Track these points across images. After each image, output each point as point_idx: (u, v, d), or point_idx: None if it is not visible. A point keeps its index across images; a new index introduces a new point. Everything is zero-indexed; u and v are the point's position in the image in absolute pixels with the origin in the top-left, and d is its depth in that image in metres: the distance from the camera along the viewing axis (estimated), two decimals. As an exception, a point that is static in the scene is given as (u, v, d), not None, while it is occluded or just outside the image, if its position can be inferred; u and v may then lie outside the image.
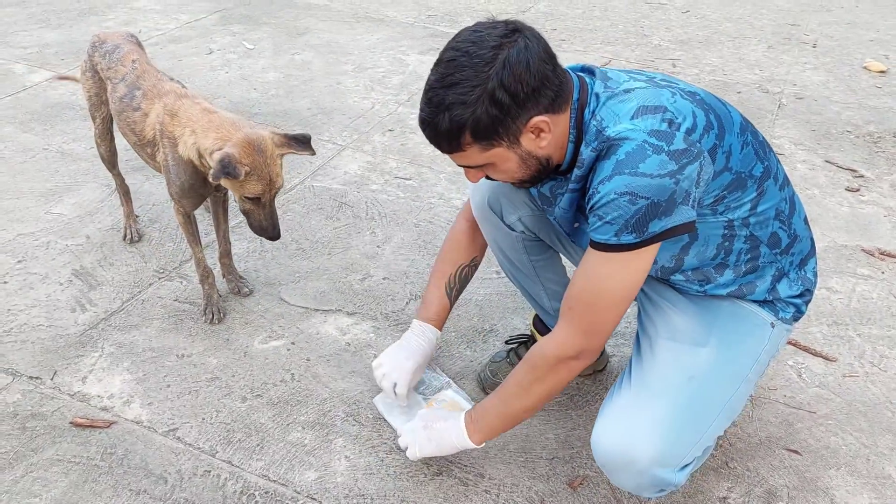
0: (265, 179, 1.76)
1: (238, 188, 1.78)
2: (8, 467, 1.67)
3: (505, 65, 1.23)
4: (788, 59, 4.00)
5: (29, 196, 2.64)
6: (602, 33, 4.26)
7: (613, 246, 1.29)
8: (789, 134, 3.23)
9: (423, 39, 4.06)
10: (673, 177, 1.24)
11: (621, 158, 1.25)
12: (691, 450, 1.40)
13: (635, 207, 1.25)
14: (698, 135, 1.28)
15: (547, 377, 1.42)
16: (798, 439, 1.80)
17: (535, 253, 1.74)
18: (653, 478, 1.37)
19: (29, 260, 2.31)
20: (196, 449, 1.73)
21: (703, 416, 1.42)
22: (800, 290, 1.52)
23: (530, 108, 1.27)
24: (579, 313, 1.37)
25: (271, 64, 3.71)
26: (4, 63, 3.62)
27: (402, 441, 1.65)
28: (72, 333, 2.05)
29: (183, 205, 1.98)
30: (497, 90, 1.23)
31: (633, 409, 1.41)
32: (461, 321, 2.13)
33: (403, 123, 3.21)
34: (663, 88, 1.32)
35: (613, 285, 1.33)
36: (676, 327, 1.49)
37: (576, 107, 1.33)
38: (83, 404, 1.84)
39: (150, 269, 2.31)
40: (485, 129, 1.27)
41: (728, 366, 1.46)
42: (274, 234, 1.86)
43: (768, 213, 1.42)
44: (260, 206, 1.82)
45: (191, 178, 1.90)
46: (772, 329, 1.50)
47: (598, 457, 1.43)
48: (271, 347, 2.03)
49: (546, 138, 1.31)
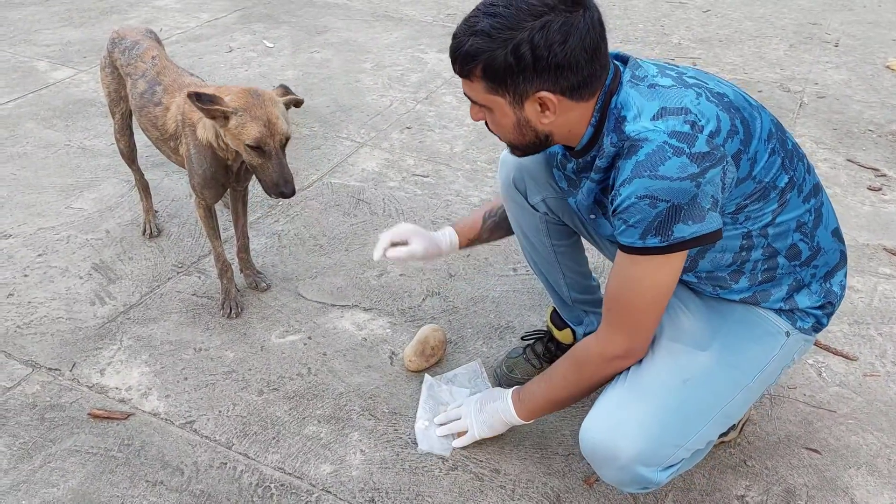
0: (261, 120, 1.72)
1: (237, 137, 1.73)
2: (27, 457, 1.69)
3: (544, 28, 1.21)
4: (810, 58, 3.95)
5: (50, 191, 2.67)
6: (622, 32, 4.24)
7: (640, 249, 1.29)
8: (811, 133, 3.20)
9: (442, 38, 4.06)
10: (694, 180, 1.21)
11: (641, 160, 1.23)
12: (677, 451, 1.38)
13: (656, 211, 1.23)
14: (722, 139, 1.25)
15: (593, 374, 1.46)
16: (818, 438, 1.78)
17: (557, 237, 1.73)
18: (634, 475, 1.37)
19: (49, 253, 2.34)
20: (212, 441, 1.74)
21: (693, 419, 1.40)
22: (821, 302, 1.48)
23: (545, 80, 1.25)
24: (618, 315, 1.38)
25: (290, 62, 3.73)
26: (28, 61, 3.66)
27: (418, 426, 1.74)
28: (91, 326, 2.07)
29: (205, 196, 1.99)
30: (523, 44, 1.22)
31: (622, 405, 1.40)
32: (477, 317, 2.13)
33: (421, 121, 3.21)
34: (689, 88, 1.30)
35: (645, 288, 1.33)
36: (682, 328, 1.47)
37: (605, 92, 1.31)
38: (101, 396, 1.85)
39: (169, 264, 2.32)
40: (495, 71, 1.26)
41: (728, 372, 1.43)
42: (288, 189, 1.77)
43: (789, 224, 1.39)
44: (267, 158, 1.75)
45: (212, 165, 1.91)
46: (786, 338, 1.47)
47: (583, 449, 1.43)
48: (288, 342, 2.04)
49: (549, 117, 1.30)
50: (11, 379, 1.89)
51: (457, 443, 1.71)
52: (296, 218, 2.55)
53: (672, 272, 1.32)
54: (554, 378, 1.53)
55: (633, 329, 1.38)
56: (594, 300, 1.86)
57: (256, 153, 1.75)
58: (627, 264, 1.32)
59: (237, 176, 2.00)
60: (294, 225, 2.52)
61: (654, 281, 1.32)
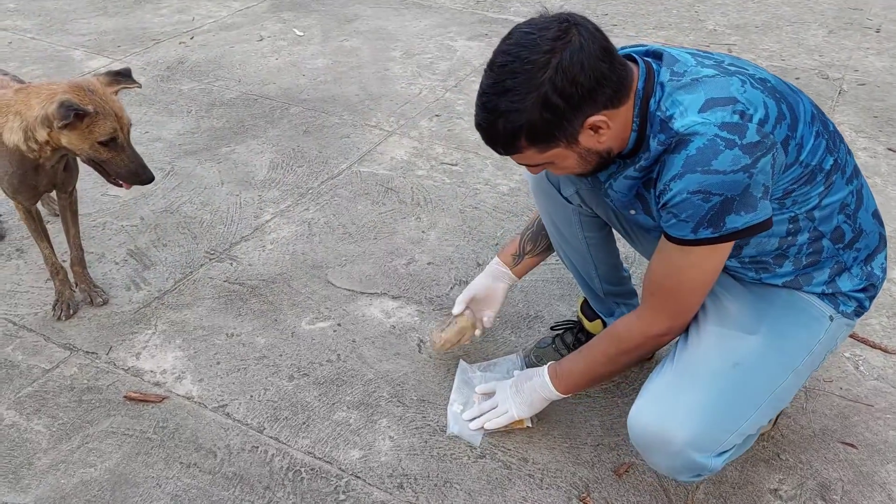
0: (111, 115, 1.70)
1: (87, 136, 1.70)
2: (65, 438, 1.73)
3: (558, 69, 1.19)
4: (850, 45, 3.86)
5: (86, 179, 2.71)
6: (655, 18, 4.18)
7: (692, 241, 1.28)
8: (850, 121, 3.12)
9: (472, 25, 4.04)
10: (747, 171, 1.21)
11: (692, 154, 1.21)
12: (730, 437, 1.37)
13: (709, 205, 1.23)
14: (771, 126, 1.23)
15: (635, 350, 1.47)
16: (854, 432, 1.75)
17: (590, 229, 1.72)
18: (687, 461, 1.36)
19: (86, 240, 2.38)
20: (244, 425, 1.76)
21: (745, 403, 1.39)
22: (863, 285, 1.46)
23: (586, 109, 1.24)
24: (662, 299, 1.39)
25: (320, 50, 3.74)
26: (64, 50, 3.72)
27: (452, 408, 1.77)
28: (126, 311, 2.11)
29: (19, 200, 1.92)
30: (551, 95, 1.20)
31: (673, 390, 1.40)
32: (506, 307, 2.12)
33: (450, 109, 3.20)
34: (733, 76, 1.28)
35: (694, 275, 1.34)
36: (727, 313, 1.46)
37: (640, 95, 1.29)
38: (136, 379, 1.89)
39: (202, 251, 2.35)
40: (541, 133, 1.25)
41: (777, 355, 1.42)
42: (146, 175, 1.77)
43: (834, 206, 1.38)
44: (119, 150, 1.74)
45: (20, 168, 1.82)
46: (830, 322, 1.45)
47: (633, 436, 1.42)
48: (318, 328, 2.06)
49: (605, 134, 1.28)
50: (50, 361, 1.94)
51: (492, 423, 1.69)
52: (325, 206, 2.56)
53: (720, 260, 1.32)
54: (593, 353, 1.53)
55: (676, 311, 1.40)
56: (626, 291, 1.85)
57: (108, 149, 1.73)
58: (675, 253, 1.32)
59: (53, 178, 1.92)
60: (324, 213, 2.53)
61: (702, 269, 1.33)
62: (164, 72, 3.49)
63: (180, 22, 4.05)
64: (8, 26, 3.98)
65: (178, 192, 2.64)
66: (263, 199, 2.60)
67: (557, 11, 1.27)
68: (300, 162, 2.82)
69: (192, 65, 3.57)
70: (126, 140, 1.76)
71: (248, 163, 2.81)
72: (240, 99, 3.26)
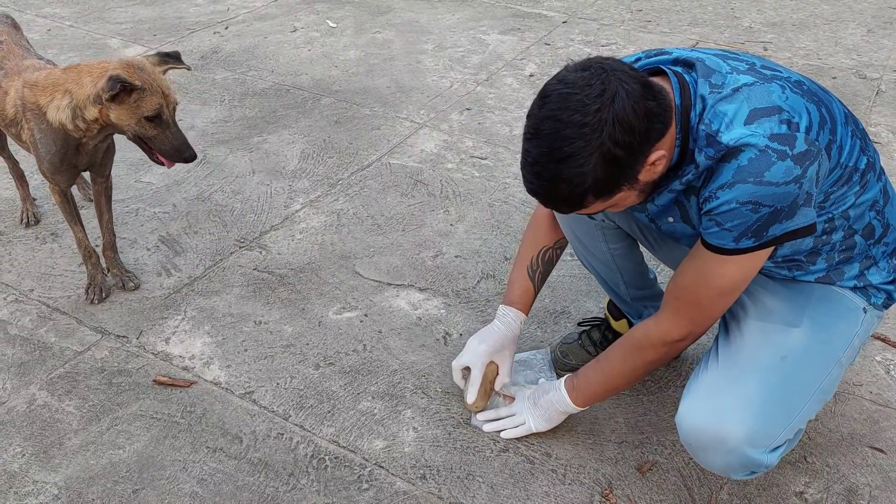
0: (158, 92, 1.75)
1: (135, 111, 1.74)
2: (95, 419, 1.77)
3: (614, 124, 1.17)
4: (889, 44, 3.77)
5: (120, 165, 2.76)
6: (689, 14, 4.13)
7: (731, 250, 1.28)
8: (887, 122, 3.06)
9: (504, 19, 4.02)
10: (797, 182, 1.20)
11: (743, 164, 1.20)
12: (783, 431, 1.36)
13: (757, 216, 1.22)
14: (815, 132, 1.23)
15: (654, 358, 1.45)
16: (884, 437, 1.72)
17: (614, 241, 1.70)
18: (743, 457, 1.34)
19: (119, 225, 2.42)
20: (270, 412, 1.79)
21: (795, 396, 1.38)
22: (891, 277, 1.47)
23: (645, 150, 1.22)
24: (687, 304, 1.38)
25: (353, 42, 3.75)
26: (101, 38, 3.78)
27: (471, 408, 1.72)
28: (157, 296, 2.15)
29: (57, 181, 1.95)
30: (612, 150, 1.18)
31: (722, 387, 1.38)
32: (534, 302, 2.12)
33: (481, 103, 3.19)
34: (771, 82, 1.26)
35: (726, 283, 1.33)
36: (767, 308, 1.45)
37: (679, 111, 1.26)
38: (166, 363, 1.92)
39: (232, 239, 2.38)
40: (604, 188, 1.23)
41: (822, 347, 1.41)
42: (189, 153, 1.81)
43: (866, 204, 1.38)
44: (164, 127, 1.78)
45: (62, 148, 1.86)
46: (864, 314, 1.46)
47: (684, 435, 1.40)
48: (345, 318, 2.07)
49: (662, 164, 1.26)
50: (82, 344, 1.98)
51: (508, 433, 1.69)
52: (355, 197, 2.58)
53: (756, 267, 1.32)
54: (611, 363, 1.52)
55: (700, 317, 1.38)
56: (653, 294, 1.83)
57: (153, 125, 1.77)
58: (711, 261, 1.31)
59: (93, 158, 1.95)
60: (353, 204, 2.54)
61: (736, 276, 1.32)
62: (198, 61, 3.53)
63: (215, 12, 4.09)
64: (47, 14, 4.05)
65: (210, 180, 2.67)
66: (294, 188, 2.63)
67: (582, 60, 1.24)
68: (330, 153, 2.83)
69: (225, 54, 3.61)
70: (171, 117, 1.80)
71: (279, 153, 2.83)
72: (272, 89, 3.29)
